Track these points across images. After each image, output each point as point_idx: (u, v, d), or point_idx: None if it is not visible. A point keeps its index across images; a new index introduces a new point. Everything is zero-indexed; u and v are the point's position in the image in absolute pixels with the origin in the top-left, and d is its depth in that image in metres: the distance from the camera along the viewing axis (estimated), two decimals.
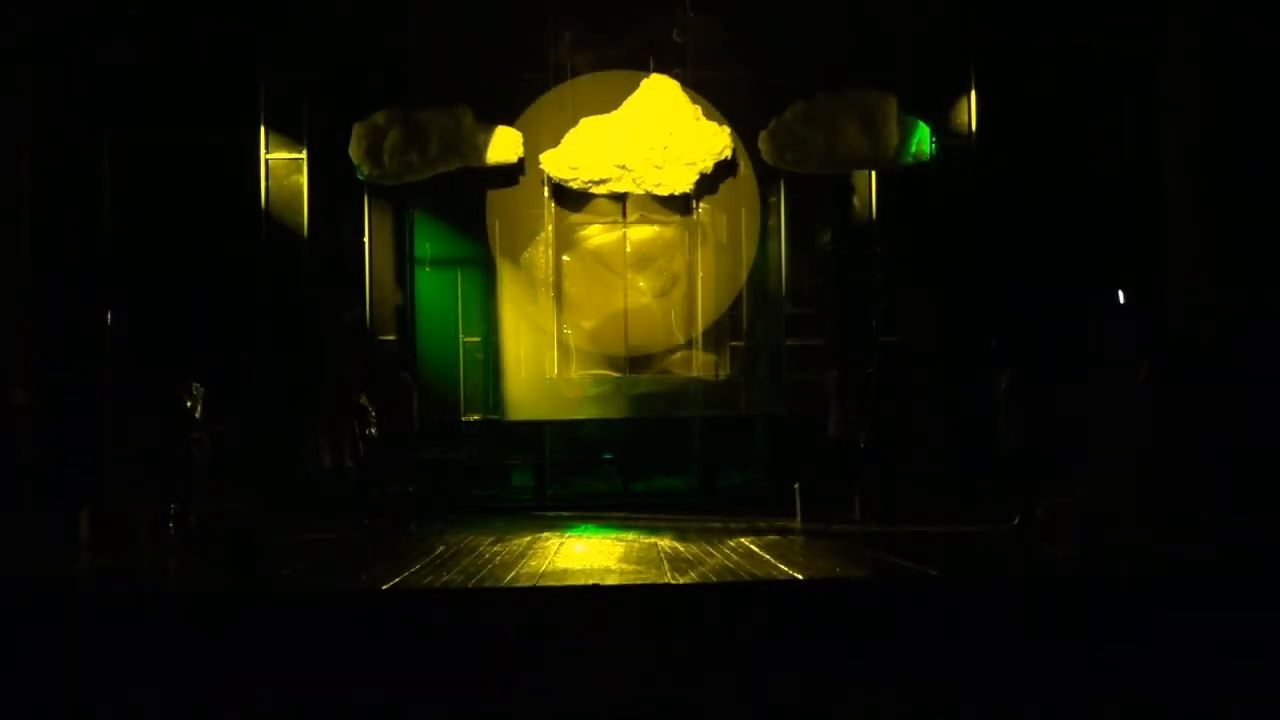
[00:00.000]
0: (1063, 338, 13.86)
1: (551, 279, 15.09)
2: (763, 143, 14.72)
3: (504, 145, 14.80)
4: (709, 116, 14.89)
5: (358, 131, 14.57)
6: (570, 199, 15.05)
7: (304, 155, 14.67)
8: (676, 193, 14.89)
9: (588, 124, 14.81)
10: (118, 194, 13.96)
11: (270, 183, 14.62)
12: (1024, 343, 12.61)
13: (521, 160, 14.91)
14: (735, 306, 15.20)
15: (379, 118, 14.58)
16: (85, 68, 13.54)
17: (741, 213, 15.11)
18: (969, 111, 14.70)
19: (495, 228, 15.13)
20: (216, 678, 7.83)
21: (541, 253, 15.10)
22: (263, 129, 14.56)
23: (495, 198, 15.08)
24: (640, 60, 15.07)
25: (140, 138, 14.17)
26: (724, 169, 14.96)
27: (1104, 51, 13.58)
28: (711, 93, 15.12)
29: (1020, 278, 14.25)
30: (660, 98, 14.82)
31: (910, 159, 14.62)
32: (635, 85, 14.99)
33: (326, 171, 14.70)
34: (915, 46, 14.70)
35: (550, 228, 15.02)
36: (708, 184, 14.99)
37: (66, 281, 13.37)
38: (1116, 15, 13.35)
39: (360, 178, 14.66)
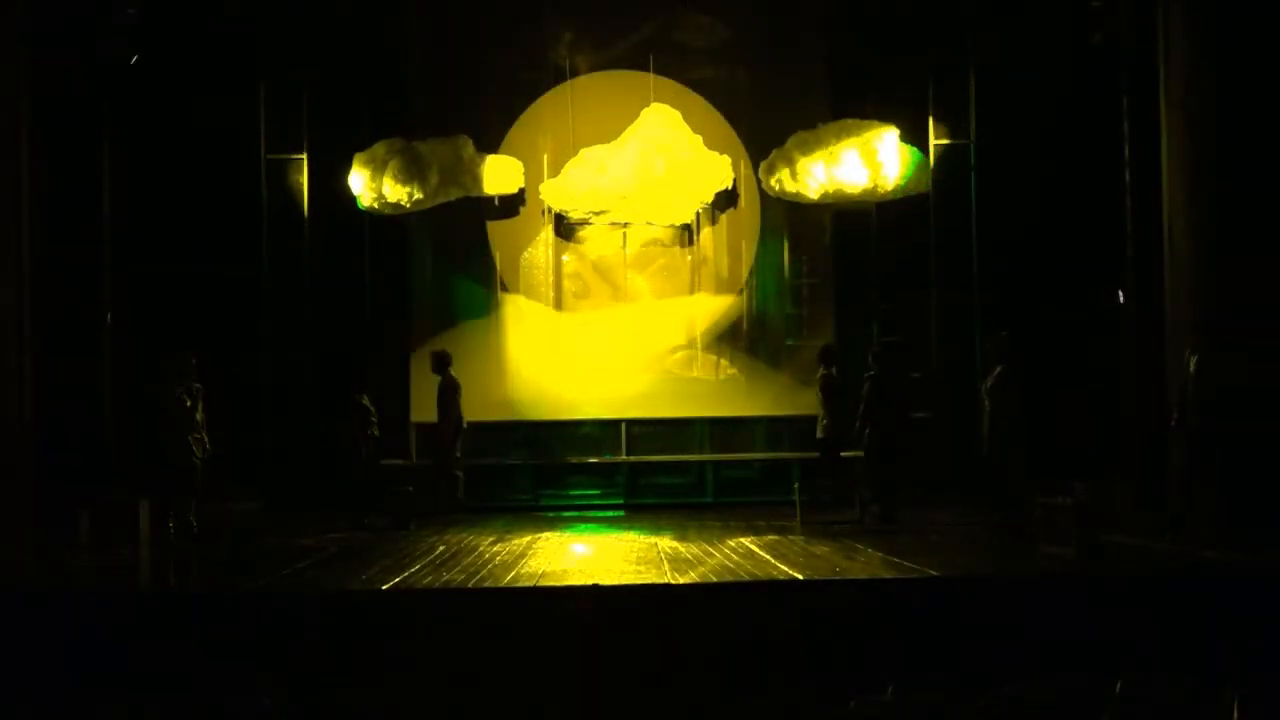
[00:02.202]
0: (1061, 337, 13.88)
1: (552, 279, 15.09)
2: (762, 173, 14.72)
3: (505, 176, 14.78)
4: (710, 145, 14.82)
5: (358, 161, 14.54)
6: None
7: (304, 156, 14.65)
8: (677, 224, 14.91)
9: (588, 154, 14.74)
10: (118, 194, 13.95)
11: (270, 183, 14.61)
12: (1021, 342, 12.60)
13: (522, 190, 14.91)
14: (736, 306, 15.20)
15: (379, 148, 14.54)
16: (85, 67, 13.52)
17: (742, 215, 15.11)
18: (968, 111, 14.69)
19: (495, 232, 15.14)
20: (216, 677, 7.84)
21: (541, 253, 15.11)
22: (263, 129, 14.55)
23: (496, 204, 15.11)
24: (640, 60, 15.06)
25: (140, 138, 14.18)
26: (726, 191, 14.96)
27: (1104, 51, 13.57)
28: (712, 93, 15.12)
29: (1019, 277, 14.28)
30: (661, 128, 14.72)
31: (911, 191, 14.61)
32: (636, 86, 14.98)
33: (327, 172, 14.69)
34: (914, 46, 14.71)
35: (550, 229, 15.01)
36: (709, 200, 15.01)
37: (66, 281, 13.35)
38: (1116, 15, 13.33)
39: (361, 208, 14.64)
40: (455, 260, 15.20)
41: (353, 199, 14.68)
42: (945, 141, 14.78)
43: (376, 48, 15.02)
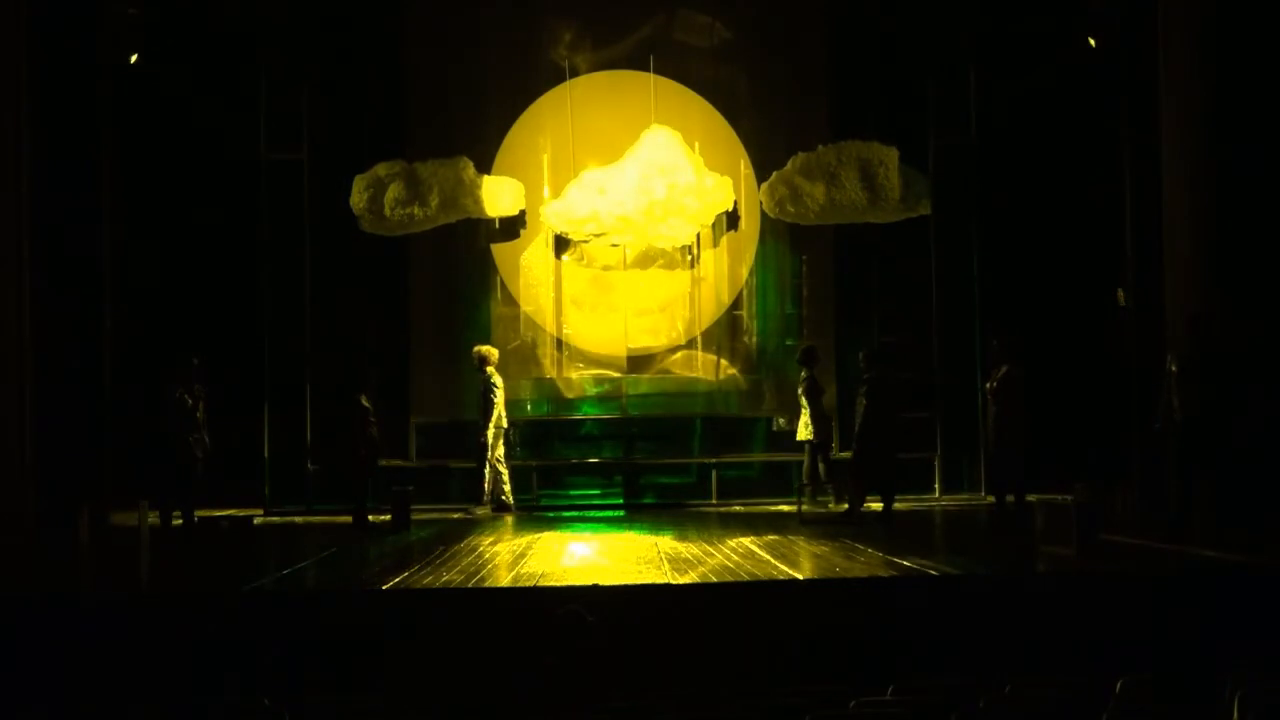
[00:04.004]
0: (1061, 337, 13.89)
1: (552, 279, 15.08)
2: (763, 195, 14.67)
3: (506, 198, 14.74)
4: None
5: (358, 184, 14.52)
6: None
7: (304, 156, 14.64)
8: (677, 245, 14.85)
9: (588, 176, 14.67)
10: (117, 193, 13.95)
11: (270, 183, 14.59)
12: (1022, 342, 12.60)
13: (523, 212, 14.88)
14: (736, 306, 15.19)
15: (380, 169, 14.51)
16: (85, 67, 13.52)
17: (743, 215, 15.08)
18: (969, 111, 14.69)
19: (495, 234, 15.15)
20: (216, 678, 7.84)
21: (541, 255, 15.10)
22: (263, 129, 14.54)
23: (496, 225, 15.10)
24: (640, 60, 15.04)
25: (140, 138, 14.18)
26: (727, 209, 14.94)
27: (1104, 50, 13.57)
28: (712, 93, 15.11)
29: (1019, 278, 14.28)
30: (661, 149, 14.63)
31: (912, 212, 14.58)
32: (636, 86, 14.96)
33: (327, 172, 14.68)
34: (914, 46, 14.71)
35: (550, 233, 14.98)
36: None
37: (66, 282, 13.36)
38: (1116, 15, 13.34)
39: (363, 229, 14.63)
40: (455, 258, 15.17)
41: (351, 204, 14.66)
42: (946, 142, 14.76)
43: (376, 47, 15.02)
